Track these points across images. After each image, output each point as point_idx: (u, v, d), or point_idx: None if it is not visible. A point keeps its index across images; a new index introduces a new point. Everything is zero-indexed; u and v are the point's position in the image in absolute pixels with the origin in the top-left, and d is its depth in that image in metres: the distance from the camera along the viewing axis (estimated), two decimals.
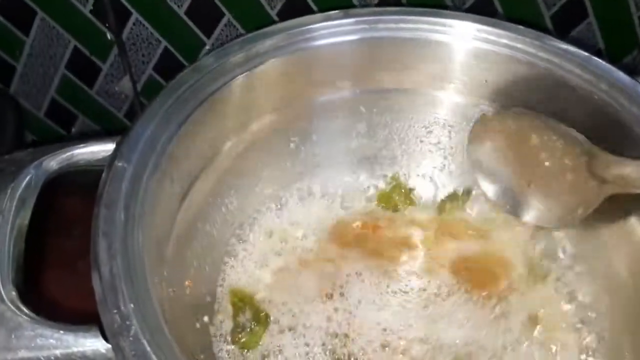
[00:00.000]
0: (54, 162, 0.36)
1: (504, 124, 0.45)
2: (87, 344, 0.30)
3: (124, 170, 0.35)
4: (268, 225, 0.50)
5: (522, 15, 0.61)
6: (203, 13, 0.60)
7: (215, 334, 0.43)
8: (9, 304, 0.30)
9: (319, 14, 0.44)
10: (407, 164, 0.52)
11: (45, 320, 0.31)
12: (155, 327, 0.30)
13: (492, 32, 0.44)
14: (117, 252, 0.32)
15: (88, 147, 0.37)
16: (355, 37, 0.44)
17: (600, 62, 0.42)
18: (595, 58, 0.42)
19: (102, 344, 0.30)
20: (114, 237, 0.32)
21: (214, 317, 0.45)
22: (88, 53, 0.63)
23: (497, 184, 0.46)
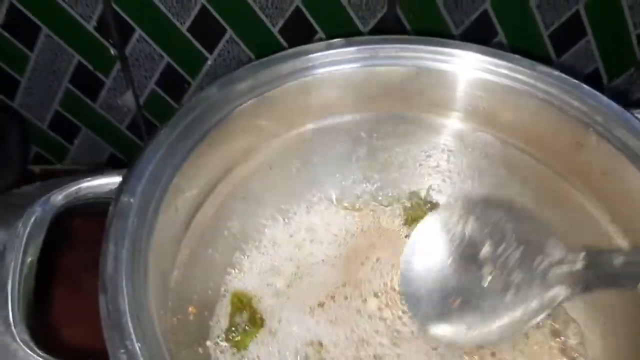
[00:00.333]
0: (62, 196, 0.36)
1: (456, 227, 0.44)
2: None
3: (130, 205, 0.35)
4: (269, 241, 0.51)
5: (520, 35, 0.61)
6: (205, 30, 0.61)
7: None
8: (21, 344, 0.31)
9: (321, 42, 0.45)
10: (407, 187, 0.53)
11: None
12: None
13: (492, 62, 0.44)
14: (124, 289, 0.32)
15: (95, 180, 0.37)
16: (357, 65, 0.45)
17: (600, 95, 0.42)
18: (596, 91, 0.43)
19: None
20: (121, 274, 0.33)
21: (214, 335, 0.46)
22: (92, 68, 0.64)
23: (420, 297, 0.44)
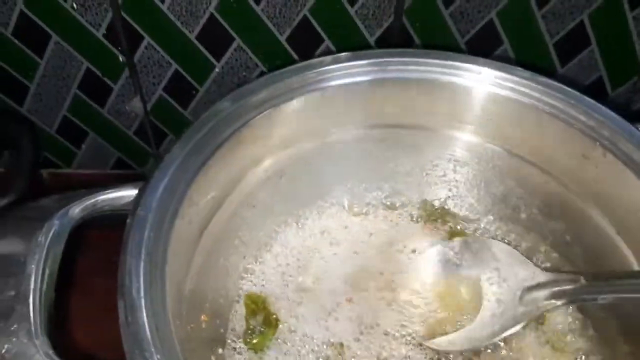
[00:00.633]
0: (79, 209, 0.37)
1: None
2: None
3: (146, 219, 0.36)
4: (281, 246, 0.52)
5: (525, 44, 0.62)
6: (213, 38, 0.61)
7: None
8: (44, 356, 0.31)
9: (329, 56, 0.45)
10: (413, 195, 0.54)
11: None
12: None
13: (499, 75, 0.45)
14: (142, 300, 0.33)
15: (111, 193, 0.38)
16: (367, 78, 0.46)
17: (606, 109, 0.43)
18: (602, 105, 0.43)
19: None
20: (139, 286, 0.34)
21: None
22: (100, 74, 0.64)
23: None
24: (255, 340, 0.47)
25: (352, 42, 0.61)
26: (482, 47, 0.61)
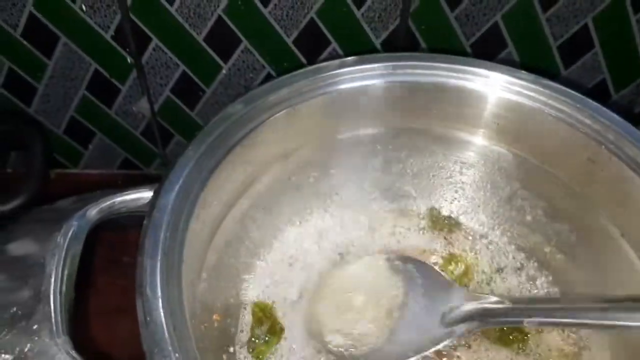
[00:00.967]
0: (96, 210, 0.38)
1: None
2: None
3: (162, 220, 0.37)
4: (288, 247, 0.53)
5: (530, 47, 0.63)
6: (221, 40, 0.62)
7: None
8: (65, 354, 0.32)
9: (337, 60, 0.46)
10: (419, 197, 0.54)
11: None
12: None
13: (507, 79, 0.46)
14: (159, 300, 0.34)
15: (127, 195, 0.39)
16: (376, 81, 0.47)
17: (612, 113, 0.44)
18: (607, 109, 0.44)
19: None
20: (156, 286, 0.34)
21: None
22: (108, 75, 0.65)
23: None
24: (260, 349, 0.47)
25: (358, 44, 0.61)
26: (487, 49, 0.62)
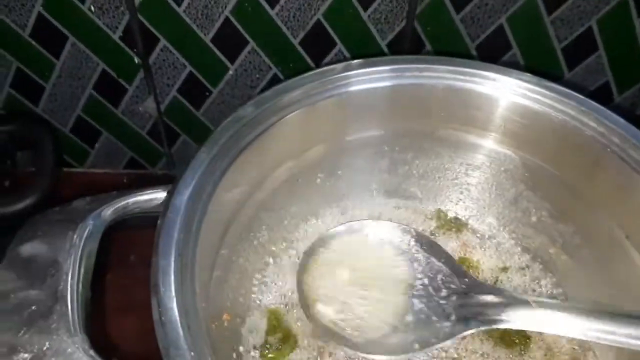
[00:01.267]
0: (111, 211, 0.38)
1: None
2: None
3: (176, 220, 0.37)
4: (294, 248, 0.53)
5: (534, 49, 0.63)
6: (228, 41, 0.62)
7: None
8: (83, 352, 0.33)
9: (340, 64, 0.47)
10: (425, 198, 0.55)
11: None
12: None
13: (513, 82, 0.47)
14: (174, 300, 0.34)
15: (142, 196, 0.39)
16: (385, 83, 0.47)
17: (616, 116, 0.45)
18: (612, 112, 0.45)
19: None
20: (170, 286, 0.35)
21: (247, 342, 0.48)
22: (115, 75, 0.65)
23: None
24: (271, 355, 0.47)
25: (364, 46, 0.62)
26: (491, 52, 0.62)
